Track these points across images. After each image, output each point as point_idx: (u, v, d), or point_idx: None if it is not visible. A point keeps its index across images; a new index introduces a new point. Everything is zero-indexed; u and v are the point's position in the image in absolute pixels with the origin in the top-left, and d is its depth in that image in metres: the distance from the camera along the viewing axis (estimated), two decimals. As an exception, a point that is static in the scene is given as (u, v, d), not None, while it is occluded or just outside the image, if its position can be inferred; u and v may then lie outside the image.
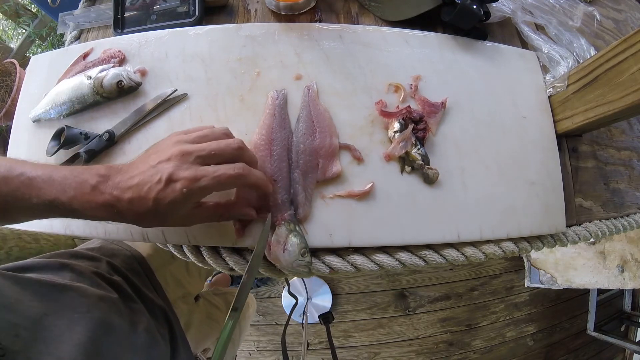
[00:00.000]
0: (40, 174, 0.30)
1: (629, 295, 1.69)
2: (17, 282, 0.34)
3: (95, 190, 0.30)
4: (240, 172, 0.32)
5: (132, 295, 0.47)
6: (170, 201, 0.30)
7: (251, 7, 0.53)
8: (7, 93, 1.29)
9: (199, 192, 0.31)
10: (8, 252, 1.16)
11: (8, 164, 0.30)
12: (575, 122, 0.45)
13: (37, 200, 0.29)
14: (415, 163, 0.41)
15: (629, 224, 0.50)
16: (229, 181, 0.32)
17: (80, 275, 0.43)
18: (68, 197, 0.29)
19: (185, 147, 0.32)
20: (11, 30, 1.91)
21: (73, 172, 0.31)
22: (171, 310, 0.54)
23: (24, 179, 0.29)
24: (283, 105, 0.43)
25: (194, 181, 0.30)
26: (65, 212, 0.30)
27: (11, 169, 0.30)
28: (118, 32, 0.52)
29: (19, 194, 0.29)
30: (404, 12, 0.50)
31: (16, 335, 0.29)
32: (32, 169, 0.30)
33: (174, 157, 0.31)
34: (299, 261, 0.36)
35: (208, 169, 0.31)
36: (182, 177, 0.30)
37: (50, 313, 0.34)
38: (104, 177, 0.31)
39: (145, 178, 0.30)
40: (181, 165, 0.31)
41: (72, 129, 0.43)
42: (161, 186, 0.30)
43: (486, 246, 0.42)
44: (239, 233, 0.39)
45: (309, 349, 1.55)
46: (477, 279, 1.59)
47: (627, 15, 0.64)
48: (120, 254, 0.54)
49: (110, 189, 0.30)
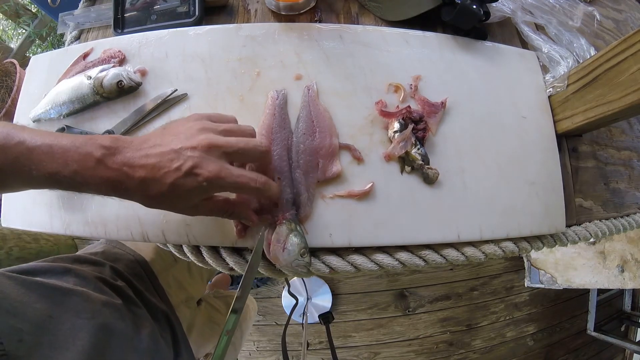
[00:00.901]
0: (40, 143, 0.28)
1: (629, 295, 1.69)
2: (22, 284, 0.34)
3: (101, 164, 0.28)
4: (261, 187, 0.32)
5: (135, 300, 0.47)
6: (187, 190, 0.29)
7: (251, 7, 0.53)
8: (7, 93, 1.29)
9: (216, 189, 0.31)
10: (8, 252, 1.16)
11: (5, 130, 0.28)
12: (575, 122, 0.45)
13: (37, 173, 0.28)
14: (415, 163, 0.41)
15: (629, 224, 0.50)
16: (248, 190, 0.32)
17: (83, 280, 0.43)
18: (70, 170, 0.28)
19: (213, 139, 0.30)
20: (11, 30, 1.91)
21: (75, 142, 0.29)
22: (174, 314, 0.54)
23: (23, 149, 0.27)
24: (283, 105, 0.43)
25: (217, 178, 0.29)
26: (68, 186, 0.29)
27: (8, 137, 0.27)
28: (118, 32, 0.52)
29: (17, 164, 0.27)
30: (404, 12, 0.50)
31: (20, 340, 0.29)
32: (31, 137, 0.28)
33: (200, 147, 0.30)
34: (298, 261, 0.36)
35: (232, 170, 0.31)
36: (205, 171, 0.29)
37: (54, 316, 0.33)
38: (110, 149, 0.29)
39: (163, 161, 0.29)
40: (207, 157, 0.29)
41: (72, 129, 0.43)
42: (180, 174, 0.29)
43: (486, 246, 0.42)
44: (240, 234, 0.39)
45: (309, 349, 1.55)
46: (477, 279, 1.59)
47: (627, 15, 0.64)
48: (123, 258, 0.54)
49: (119, 164, 0.28)
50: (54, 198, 0.44)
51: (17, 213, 0.47)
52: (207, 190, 0.30)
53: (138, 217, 0.41)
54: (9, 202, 0.48)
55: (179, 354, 0.49)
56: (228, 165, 0.31)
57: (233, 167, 0.31)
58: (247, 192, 0.32)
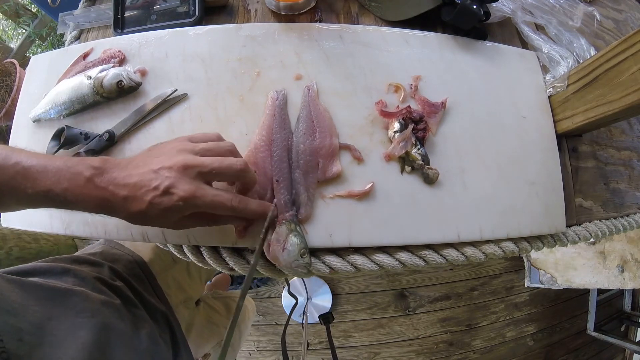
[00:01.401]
0: (35, 163, 0.30)
1: (629, 295, 1.69)
2: (21, 286, 0.34)
3: (90, 182, 0.30)
4: (237, 205, 0.33)
5: (134, 301, 0.47)
6: (164, 209, 0.30)
7: (251, 7, 0.53)
8: (7, 93, 1.29)
9: (192, 208, 0.31)
10: (8, 252, 1.16)
11: (4, 152, 0.30)
12: (575, 122, 0.45)
13: (31, 190, 0.29)
14: (415, 163, 0.41)
15: (629, 224, 0.50)
16: (224, 209, 0.33)
17: (82, 280, 0.43)
18: (62, 188, 0.29)
19: (188, 160, 0.32)
20: (11, 30, 1.91)
21: (67, 163, 0.30)
22: (172, 315, 0.54)
23: (20, 168, 0.29)
24: (283, 105, 0.43)
25: (192, 198, 0.30)
26: (60, 204, 0.30)
27: (7, 158, 0.30)
28: (118, 32, 0.52)
29: (14, 183, 0.29)
30: (404, 12, 0.50)
31: (20, 340, 0.29)
32: (27, 158, 0.30)
33: (176, 168, 0.31)
34: (298, 262, 0.36)
35: (207, 190, 0.32)
36: (180, 191, 0.30)
37: (54, 318, 0.34)
38: (99, 169, 0.30)
39: (143, 181, 0.30)
40: (182, 178, 0.31)
41: (72, 129, 0.43)
42: (158, 193, 0.30)
43: (486, 246, 0.42)
44: (241, 234, 0.39)
45: (309, 349, 1.55)
46: (477, 279, 1.59)
47: (627, 15, 0.64)
48: (122, 259, 0.54)
49: (105, 183, 0.30)
50: (54, 198, 0.44)
51: (17, 213, 0.46)
52: (183, 210, 0.31)
53: (138, 217, 0.41)
54: (9, 202, 0.47)
55: (178, 354, 0.49)
56: (204, 185, 0.32)
57: (209, 187, 0.32)
58: (223, 211, 0.33)
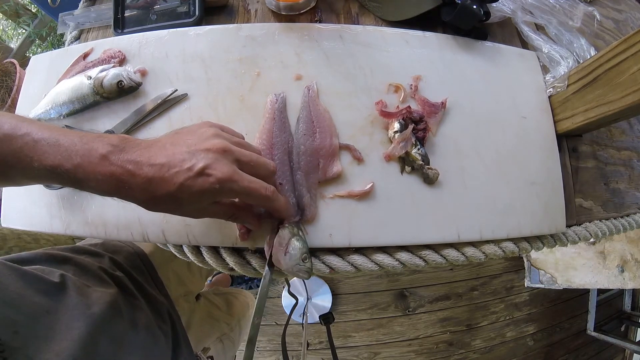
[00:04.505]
0: (47, 136, 0.27)
1: (629, 295, 1.69)
2: (22, 277, 0.34)
3: (105, 160, 0.27)
4: (271, 195, 0.32)
5: (133, 292, 0.47)
6: (196, 192, 0.28)
7: (251, 7, 0.53)
8: (7, 93, 1.29)
9: (227, 193, 0.30)
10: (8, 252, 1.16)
11: (13, 121, 0.28)
12: (575, 122, 0.45)
13: (38, 164, 0.27)
14: (415, 163, 0.41)
15: (629, 224, 0.50)
16: (257, 198, 0.32)
17: (82, 269, 0.43)
18: (73, 164, 0.27)
19: (228, 145, 0.30)
20: (11, 30, 1.91)
21: (83, 138, 0.28)
22: (173, 307, 0.54)
23: (29, 139, 0.27)
24: (282, 108, 0.43)
25: (229, 181, 0.29)
26: (68, 181, 0.28)
27: (15, 128, 0.28)
28: (118, 32, 0.52)
29: (21, 155, 0.27)
30: (404, 12, 0.50)
31: (15, 332, 0.29)
32: (38, 129, 0.28)
33: (214, 149, 0.29)
34: (300, 266, 0.35)
35: (244, 175, 0.30)
36: (218, 172, 0.28)
37: (51, 312, 0.34)
38: (117, 147, 0.28)
39: (173, 161, 0.28)
40: (220, 160, 0.29)
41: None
42: (191, 174, 0.28)
43: (486, 246, 0.42)
44: (244, 237, 0.39)
45: (309, 349, 1.54)
46: (477, 279, 1.59)
47: (627, 15, 0.64)
48: (122, 250, 0.54)
49: (122, 162, 0.28)
50: (54, 198, 0.44)
51: (17, 213, 0.47)
52: (218, 193, 0.29)
53: (138, 217, 0.41)
54: (9, 202, 0.48)
55: (177, 346, 0.49)
56: (241, 171, 0.31)
57: (245, 174, 0.31)
58: (256, 199, 0.32)
